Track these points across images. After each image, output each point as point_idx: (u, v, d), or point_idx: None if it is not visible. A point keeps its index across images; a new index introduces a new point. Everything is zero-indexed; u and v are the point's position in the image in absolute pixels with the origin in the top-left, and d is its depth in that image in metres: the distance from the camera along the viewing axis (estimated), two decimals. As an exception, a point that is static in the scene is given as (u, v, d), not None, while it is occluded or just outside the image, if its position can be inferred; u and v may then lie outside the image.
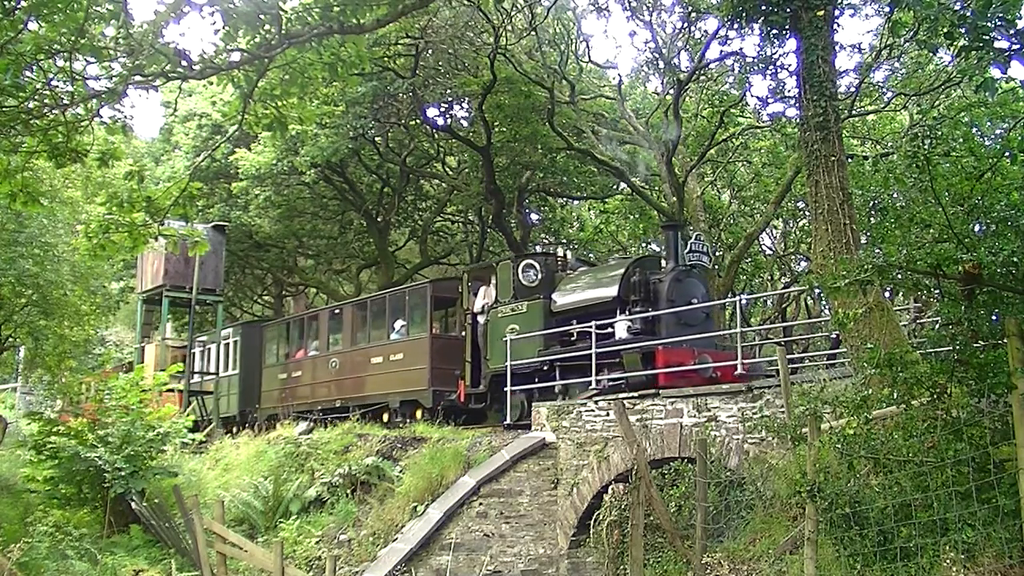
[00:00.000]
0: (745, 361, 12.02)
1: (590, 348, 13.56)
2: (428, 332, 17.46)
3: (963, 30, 6.04)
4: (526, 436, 13.83)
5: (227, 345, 23.99)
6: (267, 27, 8.88)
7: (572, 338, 14.41)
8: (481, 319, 16.42)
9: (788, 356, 10.28)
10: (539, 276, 15.50)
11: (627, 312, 13.79)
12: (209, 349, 24.83)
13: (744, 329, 11.84)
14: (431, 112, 24.52)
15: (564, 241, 29.65)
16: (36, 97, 8.45)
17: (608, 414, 12.64)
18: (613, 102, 23.79)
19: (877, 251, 6.93)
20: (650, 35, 21.67)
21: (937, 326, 7.71)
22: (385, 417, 17.88)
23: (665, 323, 13.57)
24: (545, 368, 14.67)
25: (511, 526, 13.10)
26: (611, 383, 13.32)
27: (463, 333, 17.03)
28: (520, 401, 14.93)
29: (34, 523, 13.55)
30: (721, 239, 26.02)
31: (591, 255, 25.59)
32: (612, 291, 14.14)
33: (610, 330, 13.83)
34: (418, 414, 17.02)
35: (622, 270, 14.33)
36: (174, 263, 22.69)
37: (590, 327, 13.68)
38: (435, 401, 16.67)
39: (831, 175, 8.83)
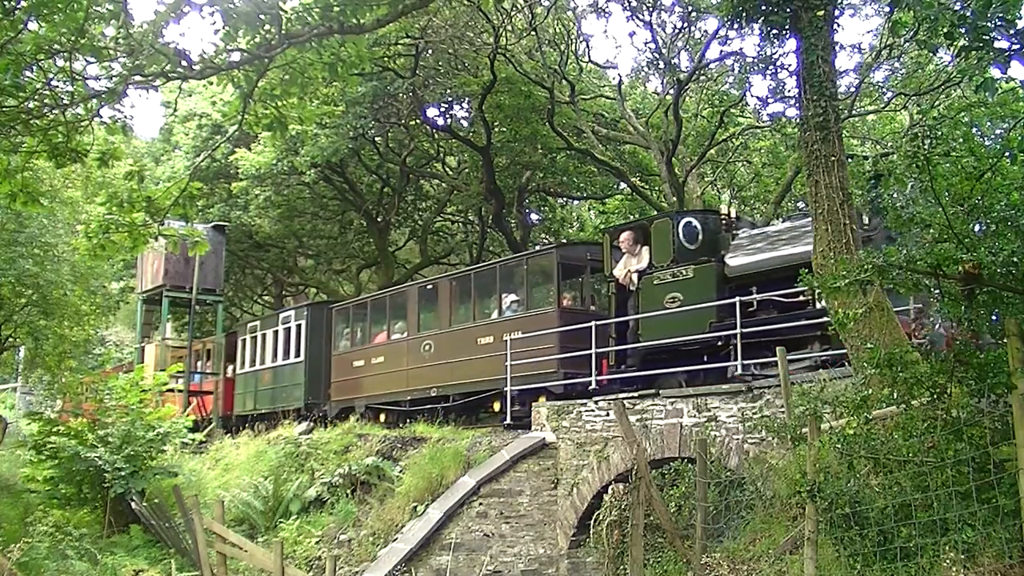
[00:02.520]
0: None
1: (774, 320, 11.68)
2: (556, 305, 14.94)
3: (963, 30, 6.03)
4: (526, 436, 13.82)
5: (288, 330, 21.64)
6: (267, 27, 8.89)
7: (752, 308, 12.22)
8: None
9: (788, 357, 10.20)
10: (702, 237, 13.27)
11: None
12: (264, 335, 22.67)
13: (744, 329, 11.69)
14: (431, 112, 24.58)
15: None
16: (36, 97, 8.46)
17: (608, 414, 12.63)
18: (613, 102, 23.80)
19: (877, 251, 6.92)
20: (650, 35, 21.72)
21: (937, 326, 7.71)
22: (496, 406, 15.63)
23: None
24: (718, 344, 12.49)
25: (511, 526, 13.10)
26: (810, 360, 11.21)
27: (593, 307, 15.16)
28: (679, 382, 12.72)
29: (34, 523, 13.59)
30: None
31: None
32: (810, 250, 11.41)
33: (803, 298, 11.62)
34: (541, 403, 14.37)
35: None
36: (174, 263, 22.69)
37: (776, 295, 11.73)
38: (567, 386, 14.41)
39: (831, 175, 8.82)
